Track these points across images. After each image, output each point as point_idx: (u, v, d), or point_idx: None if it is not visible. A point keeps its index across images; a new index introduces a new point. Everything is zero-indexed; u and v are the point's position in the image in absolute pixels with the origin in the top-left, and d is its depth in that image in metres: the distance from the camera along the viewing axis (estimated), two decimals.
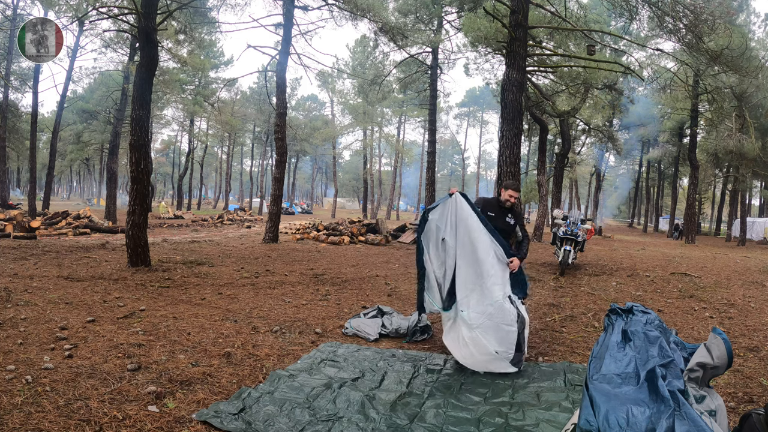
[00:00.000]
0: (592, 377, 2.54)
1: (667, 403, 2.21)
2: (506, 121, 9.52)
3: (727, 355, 2.50)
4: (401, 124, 47.06)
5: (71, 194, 74.87)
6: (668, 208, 43.00)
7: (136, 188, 8.58)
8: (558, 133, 24.88)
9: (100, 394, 3.07)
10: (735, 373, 3.98)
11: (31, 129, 21.49)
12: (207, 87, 34.39)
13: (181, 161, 51.77)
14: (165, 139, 49.83)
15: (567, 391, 3.54)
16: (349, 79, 32.78)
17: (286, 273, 8.63)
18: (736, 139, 19.52)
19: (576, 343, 4.90)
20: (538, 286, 8.12)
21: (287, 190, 55.31)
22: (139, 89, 8.63)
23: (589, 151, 38.61)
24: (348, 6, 14.98)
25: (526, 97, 16.12)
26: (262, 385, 3.43)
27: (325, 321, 5.38)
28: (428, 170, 22.33)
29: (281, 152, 14.71)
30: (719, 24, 9.48)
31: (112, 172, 22.83)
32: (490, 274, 4.03)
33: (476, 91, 53.04)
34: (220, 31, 18.38)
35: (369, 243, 15.33)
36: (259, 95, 39.16)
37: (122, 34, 20.16)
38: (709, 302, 7.03)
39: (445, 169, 74.49)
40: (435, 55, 21.52)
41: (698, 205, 34.80)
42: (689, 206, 24.65)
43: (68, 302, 5.55)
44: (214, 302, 6.05)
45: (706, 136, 26.44)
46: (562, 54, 13.45)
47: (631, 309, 2.98)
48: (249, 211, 36.12)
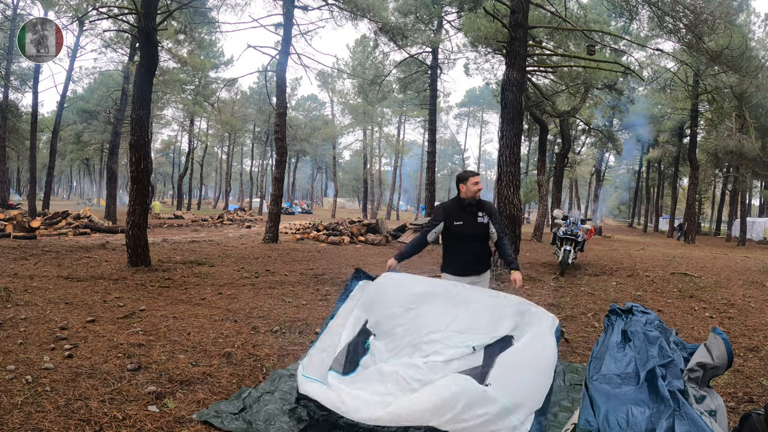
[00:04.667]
0: (592, 377, 2.54)
1: (667, 403, 2.21)
2: (506, 121, 9.52)
3: (727, 355, 2.51)
4: (401, 124, 47.05)
5: (71, 194, 74.86)
6: (668, 208, 42.97)
7: (136, 188, 8.58)
8: (558, 133, 24.90)
9: (100, 394, 3.07)
10: (735, 373, 3.98)
11: (31, 129, 21.48)
12: (207, 87, 34.37)
13: (181, 161, 51.79)
14: (165, 139, 49.84)
15: (567, 391, 3.54)
16: (349, 79, 32.79)
17: (286, 273, 8.63)
18: (736, 139, 19.52)
19: (576, 343, 4.89)
20: (538, 286, 8.12)
21: (287, 190, 55.31)
22: (139, 89, 8.63)
23: (589, 151, 38.63)
24: (348, 6, 14.98)
25: (526, 97, 16.12)
26: (263, 385, 3.43)
27: None
28: (428, 170, 22.33)
29: (281, 152, 14.71)
30: (719, 24, 9.48)
31: (112, 172, 22.83)
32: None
33: (476, 91, 53.02)
34: (220, 31, 18.37)
35: (369, 243, 15.33)
36: (259, 95, 39.13)
37: (122, 34, 20.15)
38: (709, 302, 7.03)
39: (445, 169, 74.46)
40: (435, 55, 21.52)
41: (698, 205, 34.81)
42: (689, 206, 24.66)
43: (68, 302, 5.55)
44: (214, 302, 6.05)
45: (706, 136, 26.43)
46: (562, 54, 13.45)
47: (631, 309, 2.98)
48: (249, 211, 36.11)
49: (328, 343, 3.26)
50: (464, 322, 3.10)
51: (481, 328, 3.07)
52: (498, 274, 8.81)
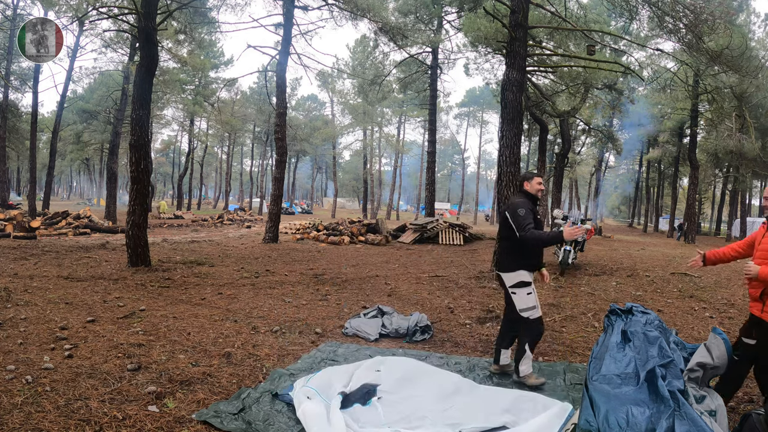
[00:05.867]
0: (592, 378, 2.54)
1: (667, 403, 2.21)
2: (506, 121, 9.50)
3: (727, 355, 2.51)
4: (401, 124, 47.05)
5: (71, 194, 74.87)
6: (668, 208, 42.96)
7: (136, 188, 8.58)
8: (558, 133, 24.88)
9: (100, 394, 3.07)
10: None
11: (31, 129, 21.49)
12: (207, 87, 34.37)
13: (181, 161, 51.78)
14: (165, 139, 49.85)
15: (567, 391, 3.54)
16: (349, 79, 32.77)
17: (286, 273, 8.63)
18: (736, 139, 19.51)
19: (576, 343, 4.90)
20: (538, 286, 8.10)
21: (287, 190, 55.32)
22: (139, 89, 8.63)
23: (589, 151, 38.63)
24: (348, 6, 14.97)
25: (526, 97, 16.11)
26: (263, 385, 3.43)
27: (325, 321, 5.38)
28: (428, 170, 22.32)
29: (281, 152, 14.71)
30: (719, 24, 9.46)
31: (112, 172, 22.83)
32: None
33: (476, 91, 52.98)
34: (220, 31, 18.37)
35: (369, 243, 15.33)
36: (259, 95, 39.13)
37: (122, 34, 20.15)
38: (709, 302, 7.02)
39: (445, 169, 74.47)
40: (435, 55, 21.52)
41: (698, 205, 34.81)
42: (689, 206, 24.64)
43: (68, 302, 5.55)
44: (214, 302, 6.05)
45: (706, 136, 26.42)
46: (562, 54, 13.43)
47: (631, 309, 2.99)
48: (249, 211, 36.12)
49: (341, 373, 3.52)
50: (458, 411, 3.16)
51: (474, 416, 3.08)
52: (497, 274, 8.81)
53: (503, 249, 3.86)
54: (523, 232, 3.56)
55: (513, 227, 3.66)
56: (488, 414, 3.07)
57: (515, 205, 3.69)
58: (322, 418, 2.82)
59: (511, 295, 3.74)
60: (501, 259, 3.86)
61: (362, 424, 2.90)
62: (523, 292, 3.67)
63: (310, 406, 2.95)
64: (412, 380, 3.50)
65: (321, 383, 3.30)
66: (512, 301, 3.74)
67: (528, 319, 3.64)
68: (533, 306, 3.65)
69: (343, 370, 3.59)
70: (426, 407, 3.15)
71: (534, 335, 3.67)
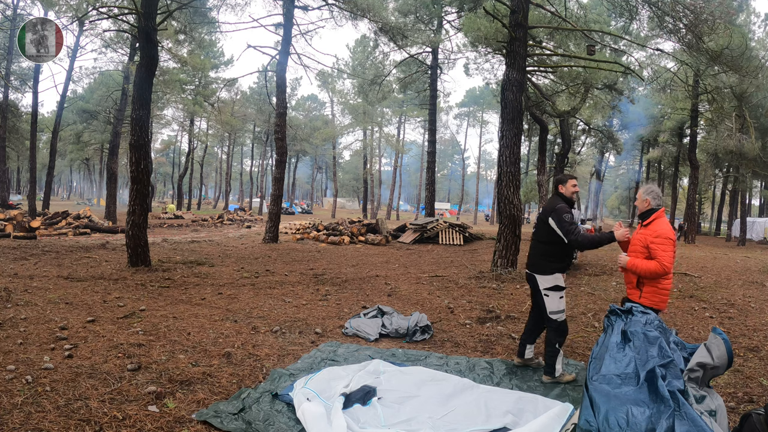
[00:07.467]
0: (591, 378, 2.54)
1: (667, 404, 2.21)
2: (506, 121, 9.51)
3: (727, 355, 2.50)
4: (401, 123, 47.06)
5: (71, 194, 74.88)
6: (668, 208, 42.94)
7: (136, 188, 8.58)
8: (558, 133, 24.85)
9: (100, 394, 3.07)
10: (735, 373, 3.98)
11: (31, 129, 21.50)
12: (207, 87, 34.36)
13: (181, 161, 51.79)
14: (165, 139, 49.85)
15: (567, 391, 3.54)
16: (349, 79, 32.77)
17: (286, 273, 8.63)
18: (736, 139, 19.51)
19: (576, 343, 4.90)
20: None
21: (287, 190, 55.31)
22: (139, 89, 8.63)
23: (589, 151, 38.60)
24: (348, 6, 14.98)
25: (526, 97, 16.11)
26: (263, 385, 3.43)
27: (325, 321, 5.38)
28: (428, 170, 22.31)
29: (281, 152, 14.72)
30: (719, 24, 9.46)
31: (112, 172, 22.82)
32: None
33: (476, 91, 52.95)
34: (220, 31, 18.36)
35: (369, 243, 15.33)
36: (259, 95, 39.13)
37: (122, 34, 20.15)
38: (709, 302, 7.02)
39: (445, 169, 74.47)
40: (435, 55, 21.51)
41: (698, 205, 34.79)
42: (689, 206, 24.64)
43: (68, 302, 5.55)
44: (214, 302, 6.05)
45: (706, 136, 26.42)
46: (562, 54, 13.43)
47: (631, 309, 2.98)
48: (249, 211, 36.12)
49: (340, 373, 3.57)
50: (459, 413, 3.17)
51: (475, 419, 3.09)
52: (498, 274, 8.81)
53: (539, 252, 3.92)
54: (573, 236, 3.65)
55: (557, 232, 3.72)
56: (489, 416, 3.08)
57: (559, 211, 3.71)
58: (322, 418, 2.83)
59: (543, 297, 3.81)
60: (536, 261, 3.92)
61: (362, 425, 2.91)
62: (556, 295, 3.79)
63: (310, 406, 2.96)
64: (413, 383, 3.52)
65: (320, 385, 3.31)
66: (543, 303, 3.81)
67: (556, 321, 3.75)
68: (563, 310, 3.77)
69: (342, 373, 3.60)
70: (426, 409, 3.16)
71: (562, 336, 3.80)
